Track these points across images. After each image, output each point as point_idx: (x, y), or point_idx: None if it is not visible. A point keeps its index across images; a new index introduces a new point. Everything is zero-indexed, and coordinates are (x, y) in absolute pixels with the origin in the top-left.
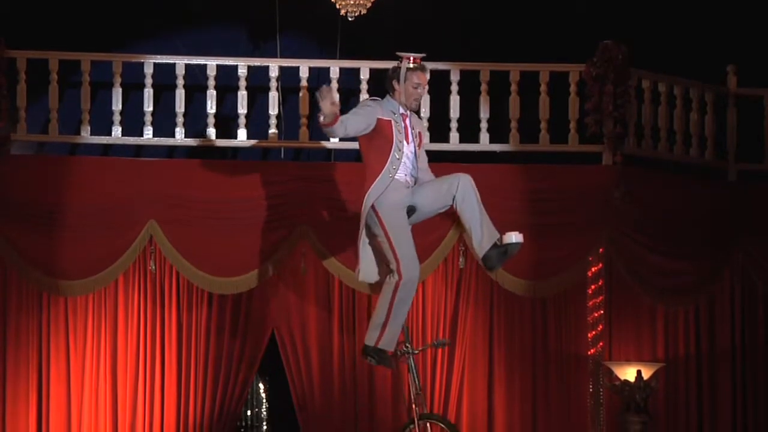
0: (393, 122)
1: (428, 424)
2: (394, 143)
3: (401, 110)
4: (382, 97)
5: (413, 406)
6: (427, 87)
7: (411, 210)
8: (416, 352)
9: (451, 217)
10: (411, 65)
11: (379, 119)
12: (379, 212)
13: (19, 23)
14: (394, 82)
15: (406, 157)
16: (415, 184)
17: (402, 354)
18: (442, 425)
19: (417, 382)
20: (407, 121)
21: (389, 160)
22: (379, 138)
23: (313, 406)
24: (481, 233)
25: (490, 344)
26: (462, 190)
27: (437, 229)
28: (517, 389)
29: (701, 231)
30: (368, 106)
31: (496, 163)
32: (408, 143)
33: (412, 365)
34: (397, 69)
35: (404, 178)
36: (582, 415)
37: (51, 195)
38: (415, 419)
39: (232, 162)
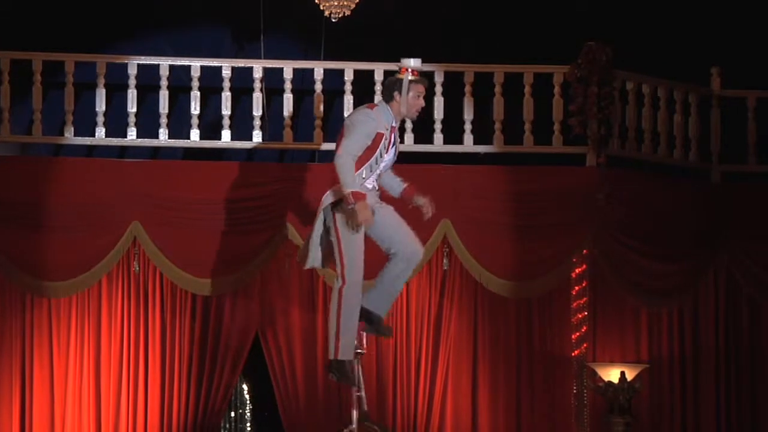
0: (384, 136)
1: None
2: (376, 153)
3: (393, 122)
4: (370, 99)
5: (353, 408)
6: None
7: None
8: (362, 352)
9: (434, 218)
10: (412, 77)
11: (377, 133)
12: (336, 214)
13: (2, 24)
14: (396, 93)
15: (384, 167)
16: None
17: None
18: (378, 429)
19: (360, 384)
20: (393, 135)
21: (365, 166)
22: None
23: (297, 407)
24: (378, 300)
25: (475, 345)
26: (405, 259)
27: (421, 231)
28: (501, 390)
29: (685, 232)
30: (371, 123)
31: (480, 165)
32: (388, 153)
33: (357, 366)
34: (399, 80)
35: (372, 183)
36: (566, 415)
37: (34, 196)
38: (354, 421)
39: (217, 163)
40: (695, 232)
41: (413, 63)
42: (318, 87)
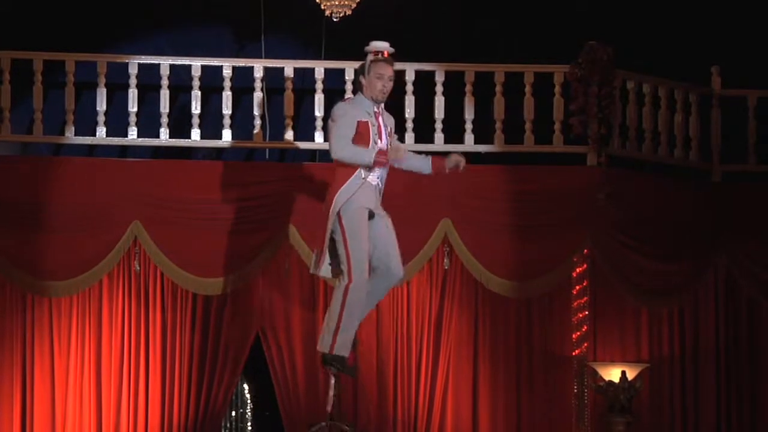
0: (369, 123)
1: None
2: (370, 143)
3: (374, 108)
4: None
5: (327, 406)
6: (391, 80)
7: (371, 215)
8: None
9: (435, 218)
10: (372, 58)
11: (358, 122)
12: (342, 215)
13: (2, 23)
14: (361, 77)
15: None
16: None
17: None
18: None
19: (337, 385)
20: (380, 119)
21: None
22: (357, 139)
23: (297, 406)
24: (330, 330)
25: (475, 345)
26: (386, 278)
27: (422, 230)
28: (501, 390)
29: (685, 232)
30: (349, 112)
31: (481, 164)
32: (381, 141)
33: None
34: (362, 64)
35: (375, 180)
36: (566, 415)
37: (35, 195)
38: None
39: (217, 163)
40: (696, 232)
41: (375, 45)
42: (319, 86)
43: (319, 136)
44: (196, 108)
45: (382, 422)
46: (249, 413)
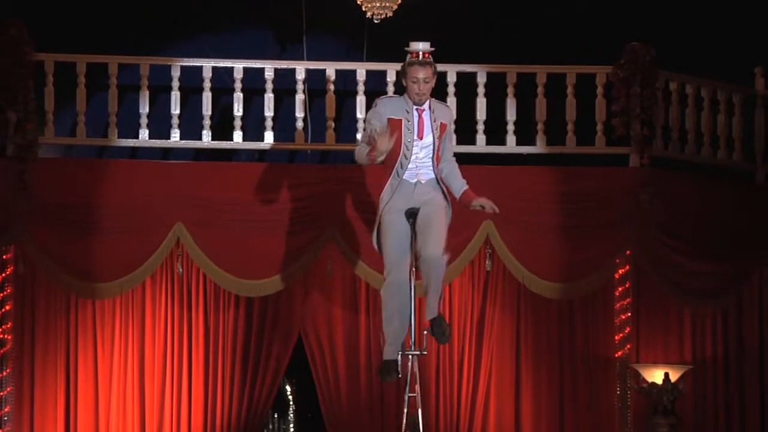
0: (404, 120)
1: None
2: (403, 143)
3: (415, 107)
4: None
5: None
6: (430, 82)
7: (412, 213)
8: (423, 353)
9: (477, 220)
10: (409, 60)
11: (389, 119)
12: (383, 216)
13: (47, 26)
14: (403, 80)
15: (417, 154)
16: (437, 179)
17: (407, 356)
18: None
19: (414, 385)
20: (424, 115)
21: (398, 160)
22: (390, 136)
23: (339, 408)
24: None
25: (518, 346)
26: (426, 261)
27: (463, 231)
28: (544, 392)
29: (728, 232)
30: (375, 110)
31: (523, 165)
32: (422, 138)
33: (414, 367)
34: (402, 66)
35: (415, 178)
36: (609, 417)
37: (79, 197)
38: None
39: (259, 164)
40: (738, 233)
41: (413, 46)
42: (360, 88)
43: (360, 138)
44: (238, 110)
45: (425, 425)
46: (291, 414)
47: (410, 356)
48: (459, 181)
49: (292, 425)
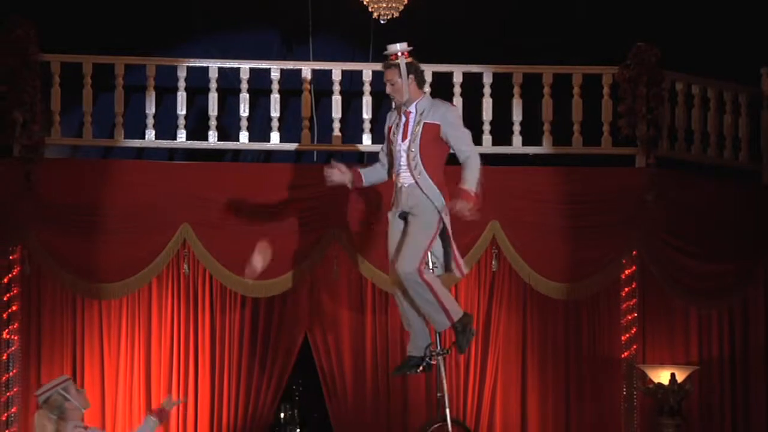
0: (393, 126)
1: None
2: (393, 149)
3: (404, 108)
4: None
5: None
6: (395, 84)
7: (404, 216)
8: (447, 352)
9: (483, 220)
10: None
11: (387, 128)
12: (388, 217)
13: (53, 27)
14: None
15: (400, 156)
16: (417, 184)
17: (433, 355)
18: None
19: (441, 385)
20: (410, 117)
21: (394, 166)
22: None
23: (345, 407)
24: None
25: (524, 347)
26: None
27: (469, 232)
28: (550, 392)
29: (734, 233)
30: (386, 122)
31: (529, 166)
32: (404, 141)
33: (440, 366)
34: None
35: (409, 180)
36: (615, 418)
37: (85, 198)
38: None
39: (265, 165)
40: (744, 233)
41: (390, 48)
42: (366, 89)
43: (366, 139)
44: (244, 110)
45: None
46: (297, 414)
47: (437, 357)
48: (462, 176)
49: (298, 425)
